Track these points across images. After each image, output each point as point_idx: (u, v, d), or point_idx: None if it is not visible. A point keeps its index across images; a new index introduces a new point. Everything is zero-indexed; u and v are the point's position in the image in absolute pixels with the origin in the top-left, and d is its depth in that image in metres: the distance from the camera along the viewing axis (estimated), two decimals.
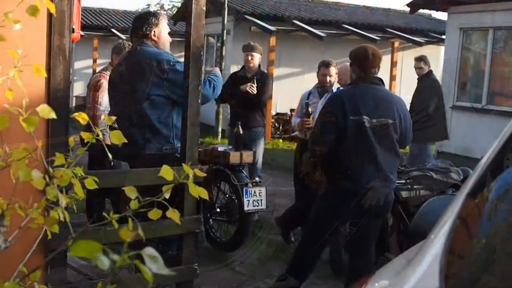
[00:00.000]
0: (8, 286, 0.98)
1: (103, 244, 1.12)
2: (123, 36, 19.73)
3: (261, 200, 5.67)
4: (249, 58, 7.19)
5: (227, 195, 5.97)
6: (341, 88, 6.09)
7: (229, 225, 6.01)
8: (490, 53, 11.72)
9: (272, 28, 15.03)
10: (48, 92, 3.16)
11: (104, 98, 5.89)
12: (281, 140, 15.27)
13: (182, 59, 4.20)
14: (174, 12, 25.87)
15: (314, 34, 15.24)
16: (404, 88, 15.77)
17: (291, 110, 15.07)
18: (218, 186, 6.03)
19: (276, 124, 16.05)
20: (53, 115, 1.47)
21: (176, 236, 4.02)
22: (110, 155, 1.90)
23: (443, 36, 14.82)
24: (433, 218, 1.79)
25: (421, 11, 15.55)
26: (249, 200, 5.59)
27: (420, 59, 9.06)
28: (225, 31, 15.06)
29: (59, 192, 1.56)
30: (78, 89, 20.89)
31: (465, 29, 12.30)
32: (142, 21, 4.53)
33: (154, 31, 4.49)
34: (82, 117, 1.65)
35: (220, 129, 15.02)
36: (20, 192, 1.63)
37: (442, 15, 25.05)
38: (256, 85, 6.97)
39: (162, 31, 4.54)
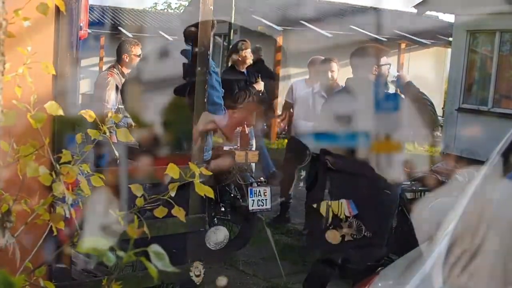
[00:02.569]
0: (16, 280, 0.99)
1: None
2: (129, 34, 19.75)
3: (266, 199, 5.67)
4: (249, 55, 6.94)
5: (232, 194, 5.96)
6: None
7: (234, 224, 6.01)
8: (497, 55, 11.68)
9: (279, 28, 15.01)
10: (55, 89, 3.17)
11: (111, 96, 5.88)
12: (286, 140, 15.23)
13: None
14: (181, 11, 25.88)
15: (321, 35, 15.22)
16: None
17: None
18: (223, 185, 6.03)
19: (282, 124, 16.00)
20: (61, 112, 1.48)
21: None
22: (116, 153, 1.92)
23: (450, 38, 14.78)
24: (438, 219, 1.79)
25: (428, 12, 15.50)
26: (254, 200, 5.59)
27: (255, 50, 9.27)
28: (232, 30, 15.05)
29: (65, 188, 1.57)
30: (84, 86, 20.89)
31: (472, 31, 12.26)
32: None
33: None
34: (89, 115, 1.66)
35: None
36: (26, 188, 1.64)
37: (449, 17, 24.97)
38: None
39: None
